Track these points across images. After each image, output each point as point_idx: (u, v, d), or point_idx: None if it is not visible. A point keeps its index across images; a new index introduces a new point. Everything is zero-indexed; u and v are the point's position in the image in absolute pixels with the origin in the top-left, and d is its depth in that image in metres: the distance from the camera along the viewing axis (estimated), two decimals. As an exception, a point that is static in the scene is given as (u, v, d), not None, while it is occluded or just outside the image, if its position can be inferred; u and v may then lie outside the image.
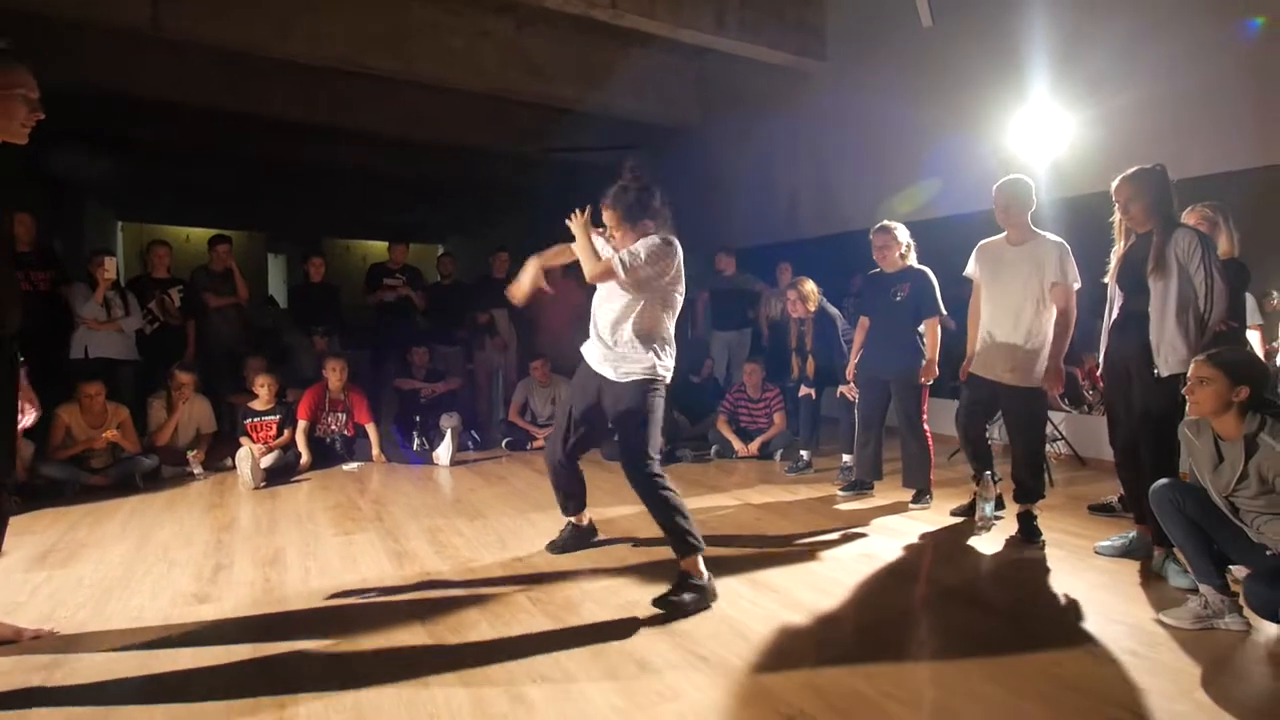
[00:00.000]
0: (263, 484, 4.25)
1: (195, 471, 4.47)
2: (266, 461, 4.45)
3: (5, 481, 2.04)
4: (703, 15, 6.18)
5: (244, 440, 4.65)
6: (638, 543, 3.12)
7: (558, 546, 3.02)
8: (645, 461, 2.47)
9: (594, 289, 2.65)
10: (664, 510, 2.45)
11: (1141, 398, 2.74)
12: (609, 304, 2.58)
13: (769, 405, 5.13)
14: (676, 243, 2.54)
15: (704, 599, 2.39)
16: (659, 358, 2.54)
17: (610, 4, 5.77)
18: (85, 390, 4.14)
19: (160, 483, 4.32)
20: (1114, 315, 2.89)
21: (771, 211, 7.59)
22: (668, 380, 2.59)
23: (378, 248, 13.88)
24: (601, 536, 3.16)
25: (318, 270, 6.16)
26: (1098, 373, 3.10)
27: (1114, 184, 2.80)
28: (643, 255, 2.44)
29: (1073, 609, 2.43)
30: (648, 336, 2.52)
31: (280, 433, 4.77)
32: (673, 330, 2.61)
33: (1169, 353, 2.61)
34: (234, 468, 4.45)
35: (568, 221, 2.52)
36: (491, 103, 7.88)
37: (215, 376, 5.24)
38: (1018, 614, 2.42)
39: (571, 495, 2.97)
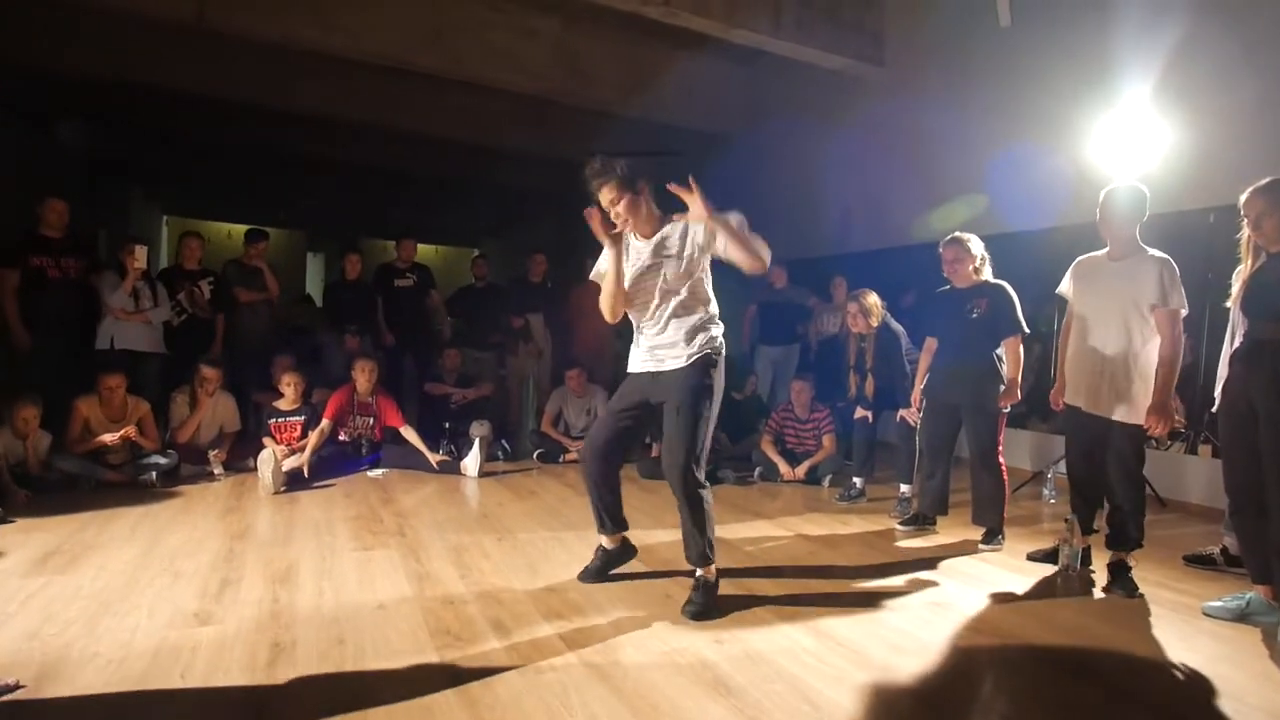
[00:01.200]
0: (284, 488, 4.05)
1: (215, 471, 4.29)
2: (290, 464, 4.25)
3: None
4: (759, 14, 5.91)
5: (267, 441, 4.46)
6: (679, 574, 2.82)
7: (590, 574, 2.75)
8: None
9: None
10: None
11: (1270, 438, 2.37)
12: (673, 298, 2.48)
13: (818, 426, 4.79)
14: None
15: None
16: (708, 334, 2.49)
17: (664, 1, 5.54)
18: (106, 383, 4.00)
19: (178, 482, 4.15)
20: (1236, 343, 2.53)
21: (821, 223, 7.26)
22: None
23: (419, 250, 13.84)
24: (642, 567, 2.87)
25: (354, 267, 6.01)
26: (1212, 409, 2.74)
27: (1243, 197, 2.45)
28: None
29: (1195, 686, 2.07)
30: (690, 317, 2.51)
31: (304, 434, 4.58)
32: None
33: None
34: (255, 469, 4.25)
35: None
36: (534, 104, 7.70)
37: (242, 373, 5.09)
38: (1130, 687, 2.07)
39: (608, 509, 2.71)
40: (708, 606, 2.41)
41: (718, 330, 2.54)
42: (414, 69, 6.52)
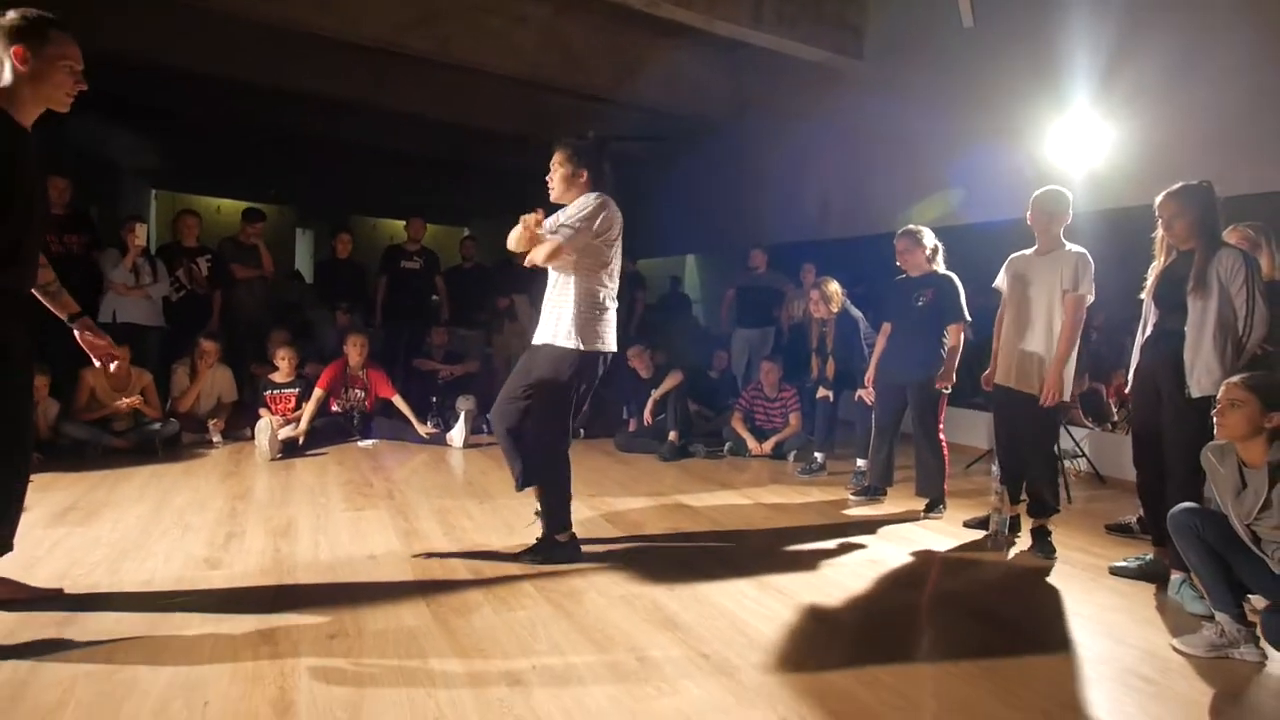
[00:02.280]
0: (279, 456, 4.30)
1: (214, 440, 4.54)
2: (284, 433, 4.50)
3: (26, 440, 2.08)
4: (740, 7, 6.10)
5: (263, 412, 4.71)
6: (644, 536, 3.12)
7: (535, 556, 2.76)
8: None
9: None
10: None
11: (1171, 418, 2.67)
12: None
13: (785, 405, 5.09)
14: (610, 200, 2.62)
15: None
16: (578, 325, 2.59)
17: (647, -9, 5.72)
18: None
19: (179, 449, 4.40)
20: (1148, 332, 2.82)
21: (800, 210, 7.51)
22: (598, 350, 2.64)
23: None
24: (612, 531, 3.16)
25: (345, 246, 6.21)
26: (1126, 390, 3.04)
27: (1158, 199, 2.73)
28: (576, 216, 2.55)
29: (1083, 628, 2.39)
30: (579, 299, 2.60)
31: (298, 406, 4.83)
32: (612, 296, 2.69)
33: (1203, 374, 2.55)
34: (253, 438, 4.51)
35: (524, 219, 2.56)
36: (525, 88, 7.87)
37: (238, 347, 5.31)
38: (1025, 630, 2.39)
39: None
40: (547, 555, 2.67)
41: (601, 328, 2.67)
42: (407, 51, 6.67)
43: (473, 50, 6.79)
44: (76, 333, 2.23)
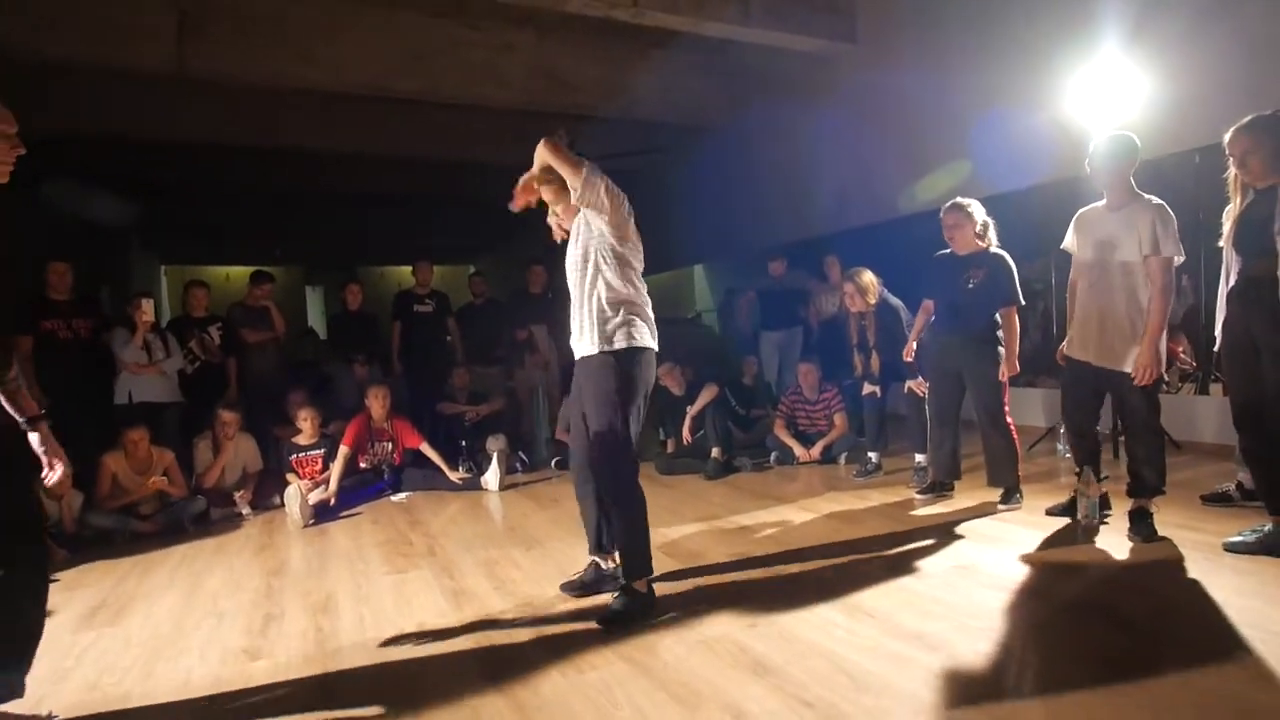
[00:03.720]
0: (312, 521, 4.12)
1: (243, 511, 4.37)
2: (314, 497, 4.33)
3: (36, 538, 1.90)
4: (728, 5, 5.95)
5: (290, 477, 4.54)
6: (706, 566, 2.88)
7: (574, 588, 2.66)
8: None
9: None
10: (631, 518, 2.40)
11: (1273, 371, 2.41)
12: (572, 275, 2.52)
13: (828, 406, 4.85)
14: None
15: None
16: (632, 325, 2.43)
17: (632, 2, 5.59)
18: (129, 436, 4.08)
19: (209, 525, 4.23)
20: (1232, 281, 2.57)
21: (812, 204, 7.30)
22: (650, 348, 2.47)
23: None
24: (671, 564, 2.93)
25: (355, 298, 6.11)
26: (1180, 351, 2.77)
27: (1227, 136, 2.49)
28: (604, 180, 2.39)
29: (1220, 620, 2.12)
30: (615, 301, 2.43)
31: (326, 467, 4.66)
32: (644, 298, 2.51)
33: None
34: (282, 505, 4.33)
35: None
36: (517, 117, 7.75)
37: (258, 412, 5.17)
38: (1158, 630, 2.12)
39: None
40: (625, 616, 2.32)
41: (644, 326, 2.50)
42: (395, 95, 6.59)
43: (461, 86, 6.70)
44: (36, 436, 1.95)
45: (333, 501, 4.39)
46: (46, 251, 4.65)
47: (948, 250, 3.51)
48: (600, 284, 2.43)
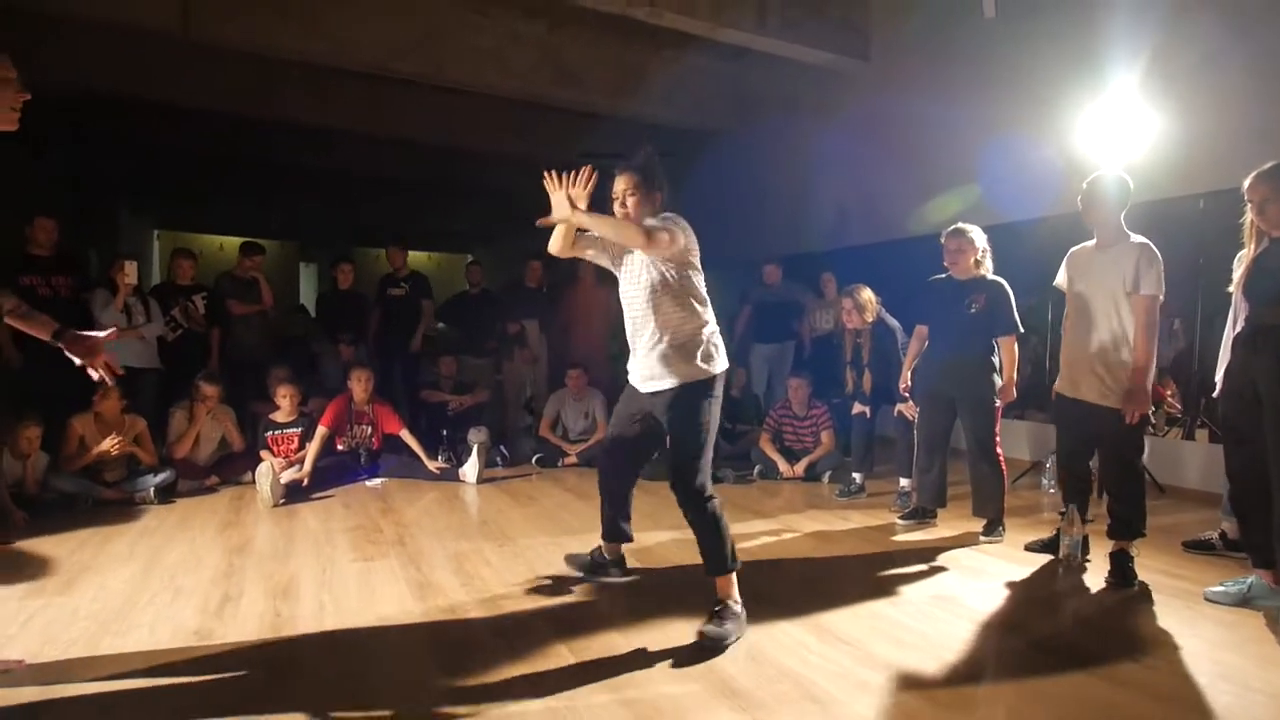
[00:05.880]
0: (282, 501, 4.03)
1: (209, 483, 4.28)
2: (287, 476, 4.23)
3: None
4: (745, 13, 5.92)
5: (264, 454, 4.45)
6: (677, 576, 2.82)
7: (578, 562, 2.85)
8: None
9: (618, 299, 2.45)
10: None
11: (1273, 422, 2.38)
12: (633, 306, 2.38)
13: (816, 423, 4.80)
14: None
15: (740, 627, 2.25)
16: (705, 354, 2.33)
17: (649, 2, 5.54)
18: (100, 396, 3.97)
19: (175, 497, 4.12)
20: (1239, 327, 2.53)
21: (812, 219, 7.27)
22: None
23: (410, 258, 13.87)
24: (642, 569, 2.87)
25: (346, 277, 6.02)
26: (1166, 393, 2.75)
27: (1246, 182, 2.46)
28: (675, 222, 2.27)
29: (1200, 673, 2.07)
30: (684, 331, 2.32)
31: (302, 445, 4.57)
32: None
33: None
34: (254, 482, 4.24)
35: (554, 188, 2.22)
36: (522, 108, 7.70)
37: (238, 385, 5.07)
38: (1133, 678, 2.06)
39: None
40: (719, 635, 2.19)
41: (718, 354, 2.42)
42: (399, 75, 6.51)
43: (466, 71, 6.63)
44: (66, 350, 1.96)
45: (305, 482, 4.30)
46: (36, 209, 4.55)
47: (944, 275, 3.48)
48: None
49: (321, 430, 4.51)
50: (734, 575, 2.32)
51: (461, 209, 11.90)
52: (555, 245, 2.37)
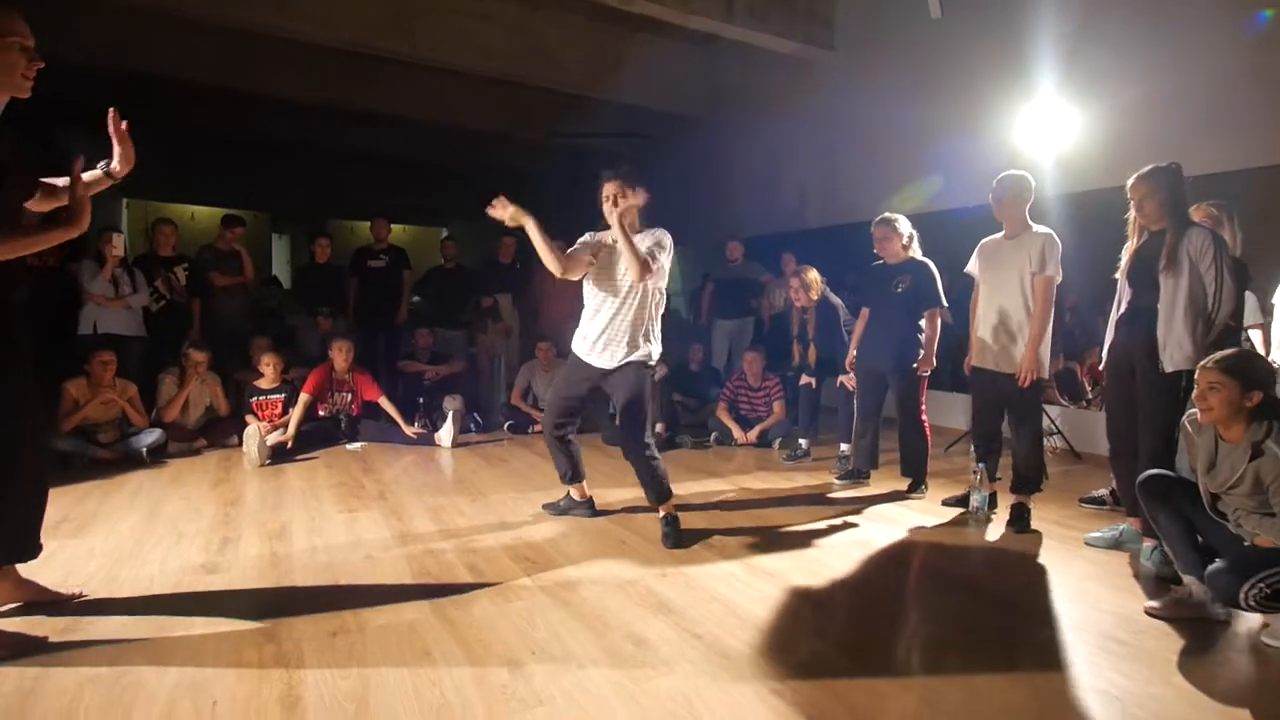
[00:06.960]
0: (268, 461, 4.31)
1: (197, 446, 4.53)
2: (272, 439, 4.50)
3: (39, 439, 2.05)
4: (713, 1, 6.16)
5: (250, 418, 4.71)
6: (634, 526, 3.18)
7: (555, 508, 3.36)
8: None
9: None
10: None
11: (1144, 392, 2.77)
12: (604, 302, 2.96)
13: (769, 394, 5.17)
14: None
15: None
16: (651, 344, 2.99)
17: (619, -14, 5.76)
18: (99, 357, 4.19)
19: (165, 458, 4.38)
20: (1121, 309, 2.92)
21: (777, 202, 7.60)
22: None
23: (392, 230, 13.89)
24: (600, 519, 3.22)
25: (324, 251, 6.20)
26: (1100, 366, 3.14)
27: (1129, 182, 2.82)
28: (664, 246, 2.91)
29: (1063, 598, 2.48)
30: (641, 326, 2.95)
31: (285, 411, 4.83)
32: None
33: (1175, 349, 2.64)
34: (239, 446, 4.50)
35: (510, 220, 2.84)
36: (500, 86, 7.86)
37: (221, 355, 5.29)
38: (1007, 601, 2.48)
39: (567, 468, 3.26)
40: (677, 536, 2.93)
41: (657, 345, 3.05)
42: (376, 52, 6.64)
43: (443, 50, 6.78)
44: (103, 165, 2.14)
45: (290, 444, 4.57)
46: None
47: (880, 261, 3.84)
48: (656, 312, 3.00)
49: (304, 397, 4.78)
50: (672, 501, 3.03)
51: (437, 185, 12.01)
52: (553, 267, 2.86)
